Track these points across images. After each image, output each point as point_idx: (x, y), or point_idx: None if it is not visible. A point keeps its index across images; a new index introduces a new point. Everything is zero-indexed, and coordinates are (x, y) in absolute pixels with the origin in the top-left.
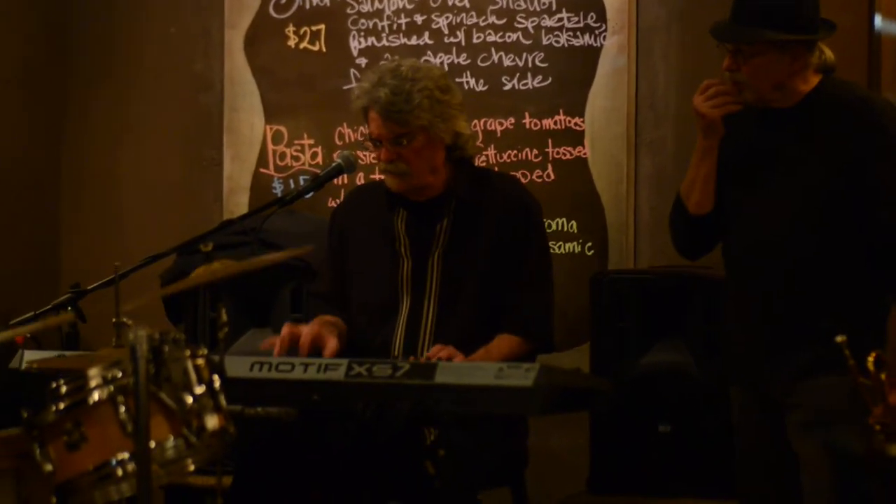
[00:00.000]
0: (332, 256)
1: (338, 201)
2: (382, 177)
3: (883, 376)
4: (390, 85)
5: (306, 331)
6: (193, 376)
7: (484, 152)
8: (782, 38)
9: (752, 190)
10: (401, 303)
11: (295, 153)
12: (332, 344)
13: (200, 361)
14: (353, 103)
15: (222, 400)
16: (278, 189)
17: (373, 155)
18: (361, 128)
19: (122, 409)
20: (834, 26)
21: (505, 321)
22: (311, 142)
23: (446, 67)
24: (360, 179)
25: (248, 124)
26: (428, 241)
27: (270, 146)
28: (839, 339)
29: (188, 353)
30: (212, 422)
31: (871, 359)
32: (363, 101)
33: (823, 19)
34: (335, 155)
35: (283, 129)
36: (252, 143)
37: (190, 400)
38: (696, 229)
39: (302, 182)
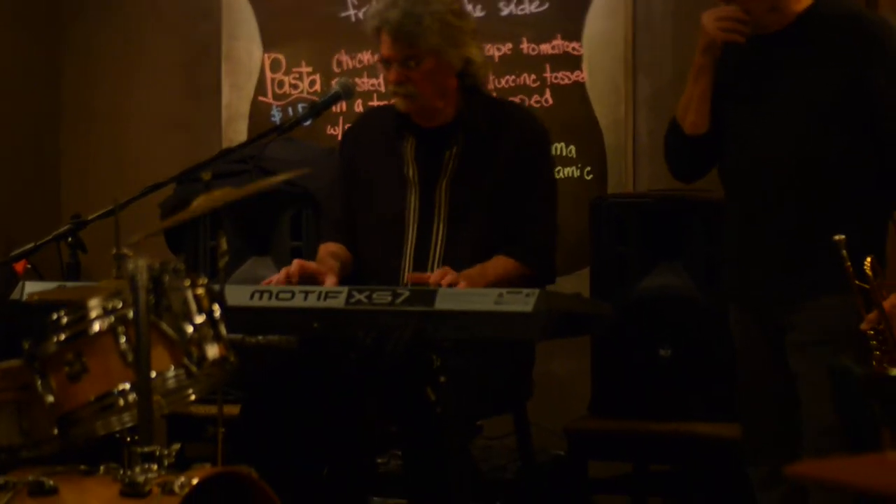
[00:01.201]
0: (343, 180)
1: (336, 129)
2: (392, 100)
3: (877, 282)
4: (402, 7)
5: (294, 270)
6: (193, 306)
7: None
8: None
9: (750, 108)
10: (408, 229)
11: (293, 81)
12: (329, 281)
13: (200, 291)
14: (365, 24)
15: (223, 329)
16: (277, 117)
17: (371, 82)
18: (360, 55)
19: (123, 339)
20: None
21: (507, 248)
22: (309, 69)
23: None
24: (358, 107)
25: (245, 52)
26: (436, 168)
27: (269, 74)
28: (836, 238)
29: (188, 282)
30: (212, 351)
31: (867, 263)
32: (375, 21)
33: None
34: (333, 82)
35: (280, 56)
36: (250, 71)
37: (190, 329)
38: (692, 151)
39: (300, 110)
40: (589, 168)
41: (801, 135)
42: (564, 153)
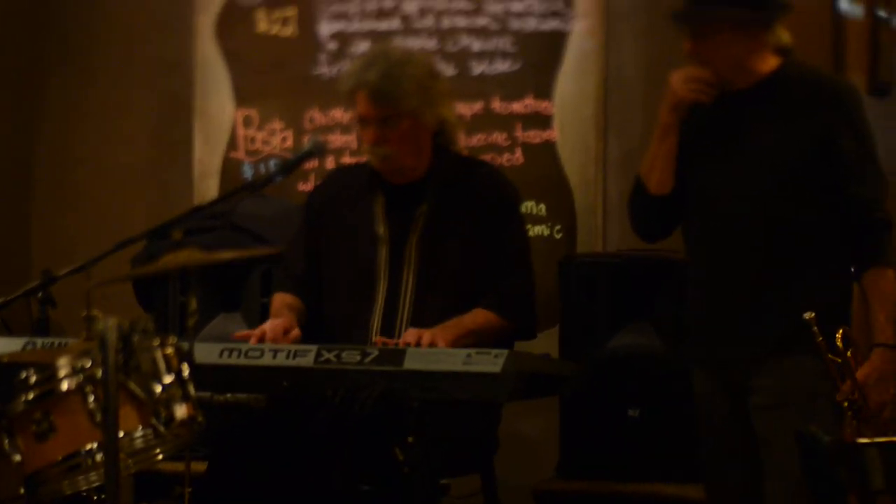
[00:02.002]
0: (307, 235)
1: (308, 185)
2: (360, 159)
3: (850, 353)
4: (381, 68)
5: (277, 325)
6: (162, 365)
7: None
8: (736, 15)
9: (715, 167)
10: (378, 286)
11: (265, 137)
12: (293, 334)
13: (169, 350)
14: (341, 84)
15: (191, 389)
16: (248, 173)
17: (343, 139)
18: (332, 112)
19: (91, 398)
20: (790, 5)
21: (484, 301)
22: (282, 126)
23: None
24: (330, 164)
25: (218, 108)
26: (406, 225)
27: (241, 130)
28: (807, 315)
29: (157, 342)
30: (180, 411)
31: (838, 335)
32: (352, 82)
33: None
34: (305, 140)
35: (253, 113)
36: (222, 127)
37: (159, 389)
38: (657, 210)
39: (272, 166)
40: (559, 227)
41: (767, 195)
42: (534, 212)
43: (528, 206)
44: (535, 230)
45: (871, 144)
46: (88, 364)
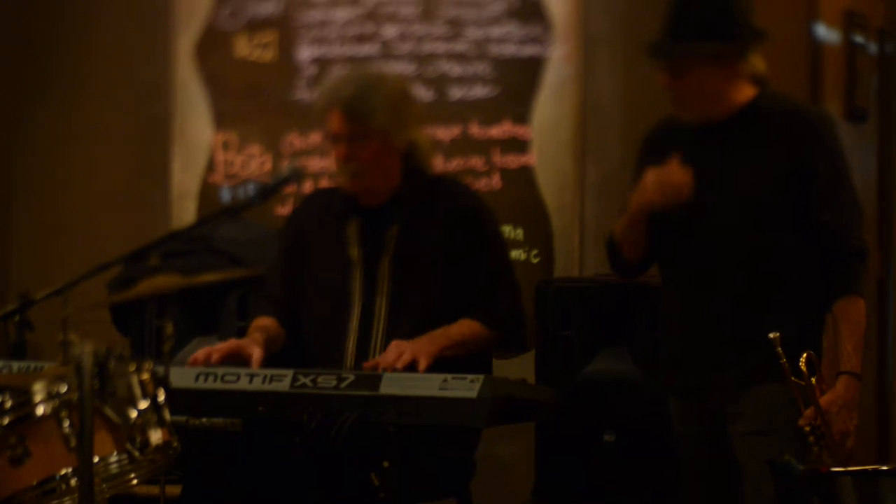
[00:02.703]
0: (286, 257)
1: (286, 209)
2: (337, 182)
3: (814, 380)
4: (356, 86)
5: (221, 347)
6: (138, 391)
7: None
8: (711, 49)
9: (690, 204)
10: (352, 309)
11: (244, 161)
12: (256, 354)
13: (145, 375)
14: (317, 100)
15: (166, 414)
16: (227, 197)
17: (321, 163)
18: (311, 136)
19: (66, 423)
20: (765, 34)
21: (472, 313)
22: (260, 150)
23: None
24: (308, 188)
25: (196, 132)
26: (379, 247)
27: (219, 154)
28: (771, 335)
29: (133, 367)
30: (155, 436)
31: (802, 360)
32: (327, 98)
33: (755, 28)
34: (284, 164)
35: (232, 137)
36: (201, 151)
37: (134, 415)
38: (633, 267)
39: (251, 190)
40: (536, 251)
41: (744, 226)
42: (512, 236)
43: (505, 230)
44: (513, 254)
45: (847, 173)
46: (64, 389)
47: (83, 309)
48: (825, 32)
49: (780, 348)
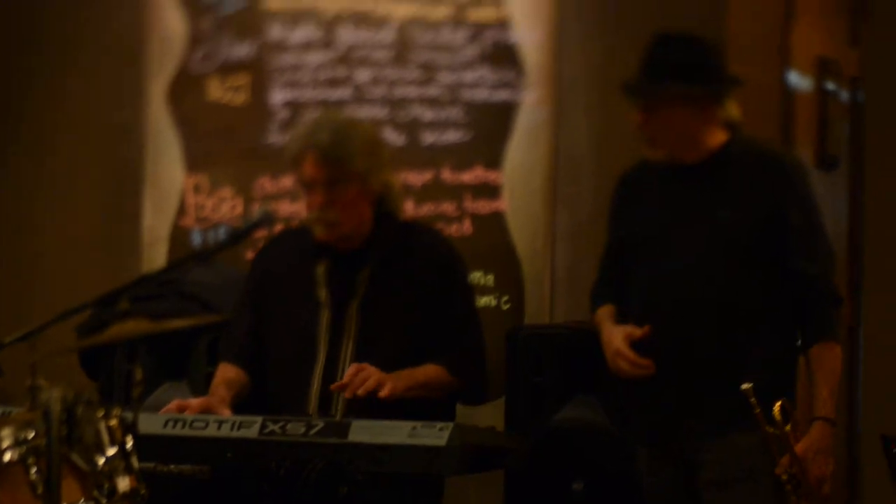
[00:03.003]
0: (251, 299)
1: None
2: (311, 226)
3: (788, 427)
4: (331, 130)
5: (194, 404)
6: (106, 437)
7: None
8: (688, 90)
9: (663, 246)
10: (318, 351)
11: (215, 205)
12: (224, 415)
13: (113, 422)
14: (287, 149)
15: (135, 461)
16: (197, 241)
17: (292, 207)
18: (282, 180)
19: (34, 470)
20: (740, 80)
21: (437, 359)
22: (232, 193)
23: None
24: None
25: (168, 175)
26: (348, 290)
27: (191, 197)
28: (745, 386)
29: (101, 413)
30: (123, 483)
31: (776, 408)
32: (301, 144)
33: (730, 74)
34: (255, 207)
35: (203, 180)
36: (172, 194)
37: (102, 461)
38: None
39: (222, 233)
40: (506, 298)
41: (716, 273)
42: (482, 282)
43: (476, 276)
44: (483, 301)
45: (819, 219)
46: (31, 435)
47: (52, 353)
48: (797, 79)
49: (753, 398)
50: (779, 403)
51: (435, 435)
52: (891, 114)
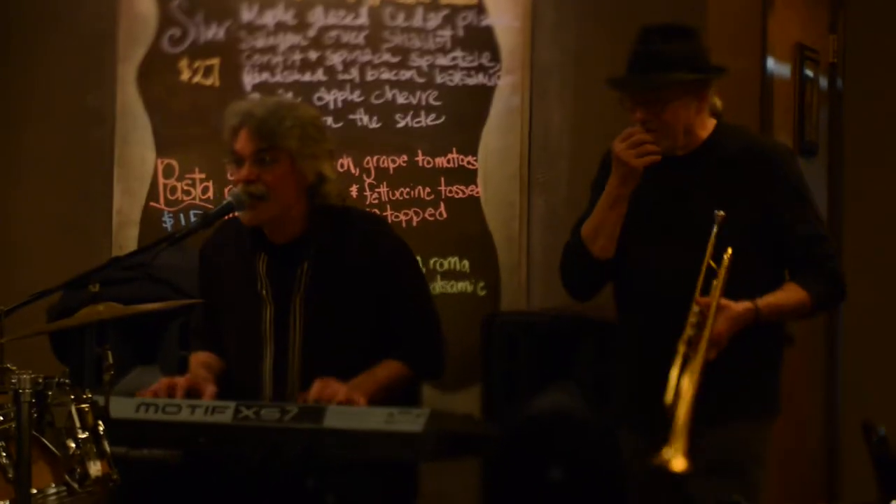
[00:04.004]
0: (204, 291)
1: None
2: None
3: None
4: (268, 106)
5: (181, 382)
6: (77, 421)
7: (376, 189)
8: (690, 79)
9: (655, 234)
10: (265, 347)
11: (186, 187)
12: (209, 391)
13: (85, 406)
14: (226, 122)
15: (106, 445)
16: (168, 223)
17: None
18: None
19: (3, 454)
20: (727, 68)
21: (391, 352)
22: (203, 176)
23: (340, 104)
24: None
25: (139, 158)
26: (289, 284)
27: (161, 180)
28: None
29: (72, 397)
30: (95, 468)
31: (727, 254)
32: (237, 119)
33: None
34: (226, 192)
35: (174, 162)
36: (143, 176)
37: (73, 446)
38: (596, 272)
39: (192, 217)
40: (482, 283)
41: (704, 258)
42: (458, 268)
43: (451, 261)
44: (458, 286)
45: (811, 197)
46: (1, 419)
47: (21, 336)
48: (776, 66)
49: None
50: (729, 251)
51: (411, 421)
52: (869, 101)
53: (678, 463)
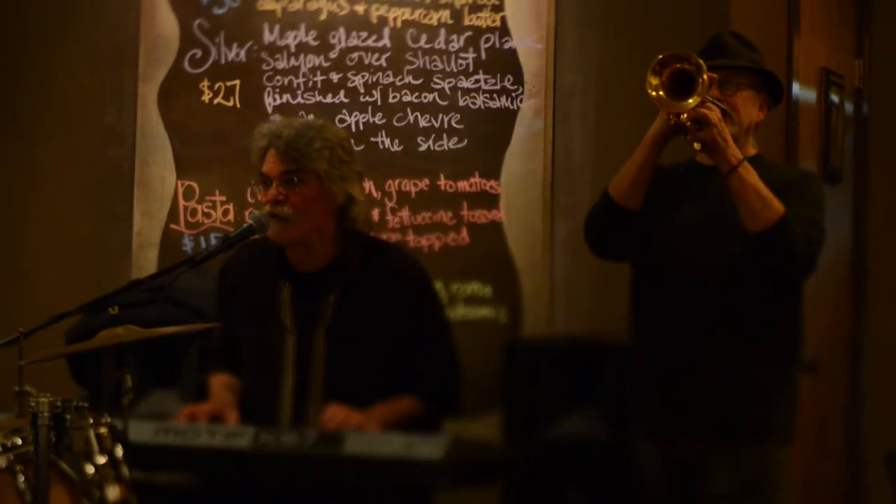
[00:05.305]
0: (221, 311)
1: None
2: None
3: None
4: (296, 128)
5: (204, 410)
6: (95, 445)
7: (398, 213)
8: (771, 74)
9: (678, 241)
10: (285, 378)
11: (206, 210)
12: (232, 418)
13: (103, 430)
14: (254, 144)
15: (124, 470)
16: (188, 246)
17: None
18: None
19: (22, 478)
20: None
21: (408, 386)
22: (223, 199)
23: (361, 127)
24: None
25: (159, 179)
26: (313, 315)
27: (182, 202)
28: None
29: (91, 421)
30: (113, 493)
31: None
32: (265, 141)
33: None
34: (247, 214)
35: (194, 184)
36: (163, 198)
37: (91, 470)
38: (615, 221)
39: (213, 239)
40: (505, 309)
41: (730, 276)
42: (480, 294)
43: (473, 287)
44: (481, 313)
45: (821, 213)
46: (20, 442)
47: (40, 359)
48: (801, 91)
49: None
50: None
51: (431, 448)
52: (895, 126)
53: None
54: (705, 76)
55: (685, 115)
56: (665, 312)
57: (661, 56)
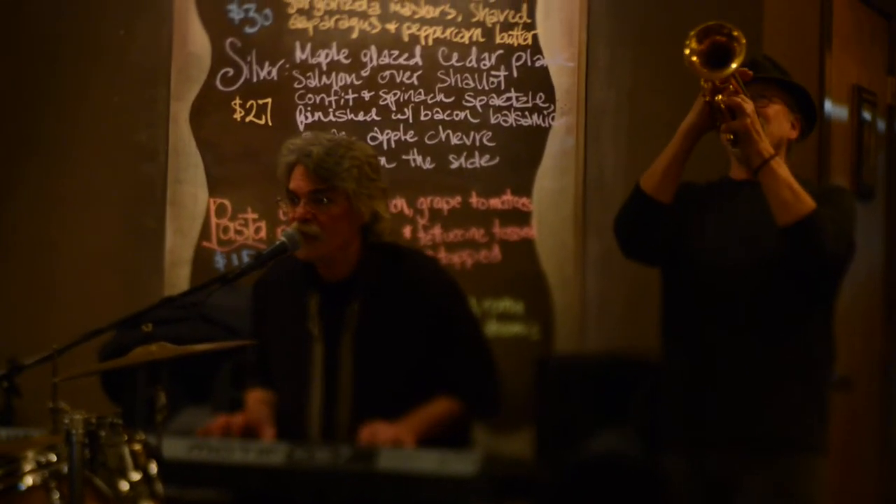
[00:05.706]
0: (255, 326)
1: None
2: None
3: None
4: (325, 145)
5: (238, 421)
6: (129, 462)
7: (430, 231)
8: (805, 90)
9: (710, 255)
10: (313, 384)
11: (238, 227)
12: (268, 434)
13: (137, 446)
14: (281, 160)
15: (159, 487)
16: (220, 263)
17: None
18: None
19: (56, 495)
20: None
21: (447, 391)
22: (255, 216)
23: (393, 144)
24: None
25: (191, 196)
26: (339, 323)
27: (214, 219)
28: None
29: (125, 437)
30: None
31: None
32: (293, 157)
33: None
34: (279, 232)
35: (226, 202)
36: (195, 215)
37: (125, 486)
38: (646, 214)
39: (245, 256)
40: (537, 326)
41: (763, 289)
42: (512, 310)
43: (505, 304)
44: (513, 329)
45: (851, 223)
46: (54, 459)
47: (73, 376)
48: (833, 108)
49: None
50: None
51: (464, 464)
52: None
53: None
54: (741, 58)
55: (720, 98)
56: (697, 327)
57: (708, 23)
